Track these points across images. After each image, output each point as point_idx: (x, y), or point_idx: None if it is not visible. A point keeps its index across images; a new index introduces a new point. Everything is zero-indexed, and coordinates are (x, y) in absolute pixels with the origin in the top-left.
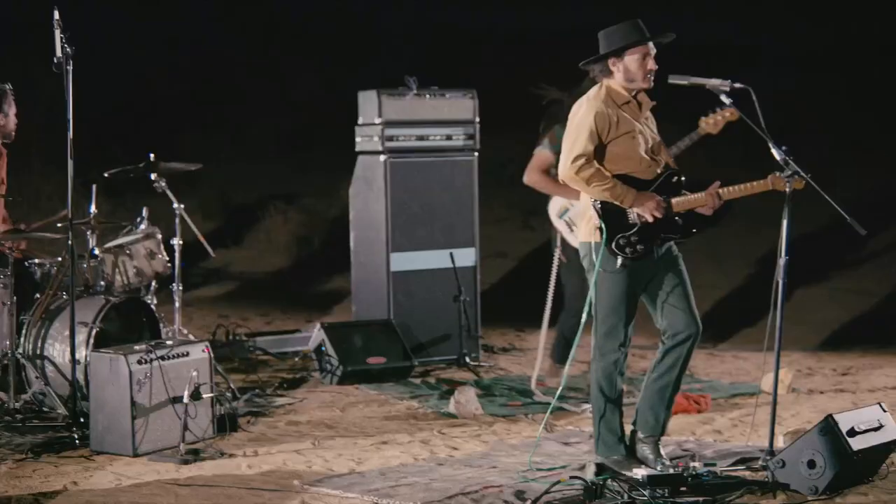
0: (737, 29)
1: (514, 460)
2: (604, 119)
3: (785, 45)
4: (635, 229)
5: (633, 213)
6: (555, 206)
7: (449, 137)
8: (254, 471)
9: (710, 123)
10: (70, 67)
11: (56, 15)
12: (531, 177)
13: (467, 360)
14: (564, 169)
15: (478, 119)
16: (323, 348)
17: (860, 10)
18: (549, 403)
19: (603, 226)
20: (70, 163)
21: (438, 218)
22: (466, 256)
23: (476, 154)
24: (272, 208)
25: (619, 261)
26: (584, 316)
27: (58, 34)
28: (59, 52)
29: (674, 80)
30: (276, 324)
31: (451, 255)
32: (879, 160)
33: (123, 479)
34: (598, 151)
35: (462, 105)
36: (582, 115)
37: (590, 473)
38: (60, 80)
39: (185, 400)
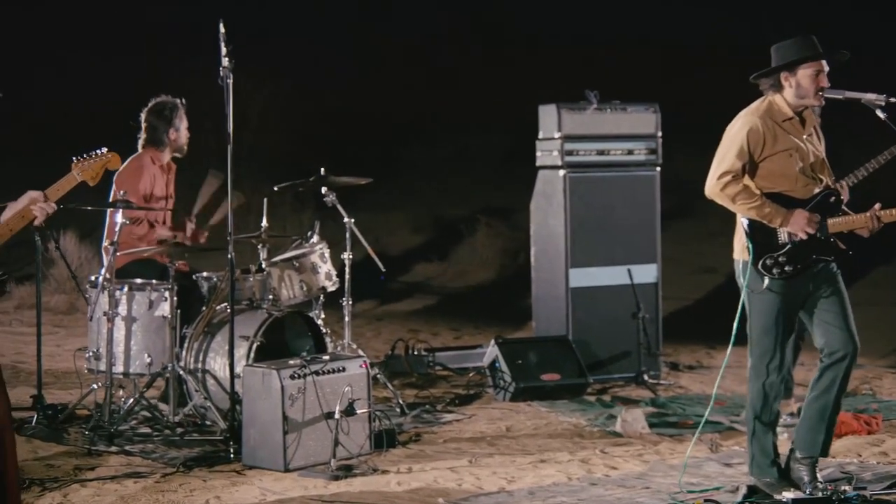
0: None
1: (669, 481)
2: (757, 136)
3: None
4: (785, 249)
5: (784, 233)
6: None
7: (630, 152)
8: (402, 488)
9: None
10: (230, 81)
11: (221, 28)
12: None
13: (645, 377)
14: (710, 184)
15: (660, 133)
16: (497, 364)
17: None
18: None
19: (750, 245)
20: (229, 176)
21: (618, 234)
22: (647, 273)
23: (658, 169)
24: (482, 223)
25: (766, 282)
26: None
27: (222, 47)
28: (223, 65)
29: (829, 94)
30: (465, 339)
31: (628, 271)
32: None
33: (269, 494)
34: (752, 167)
35: (644, 119)
36: (735, 131)
37: (740, 495)
38: (272, 94)
39: (337, 415)
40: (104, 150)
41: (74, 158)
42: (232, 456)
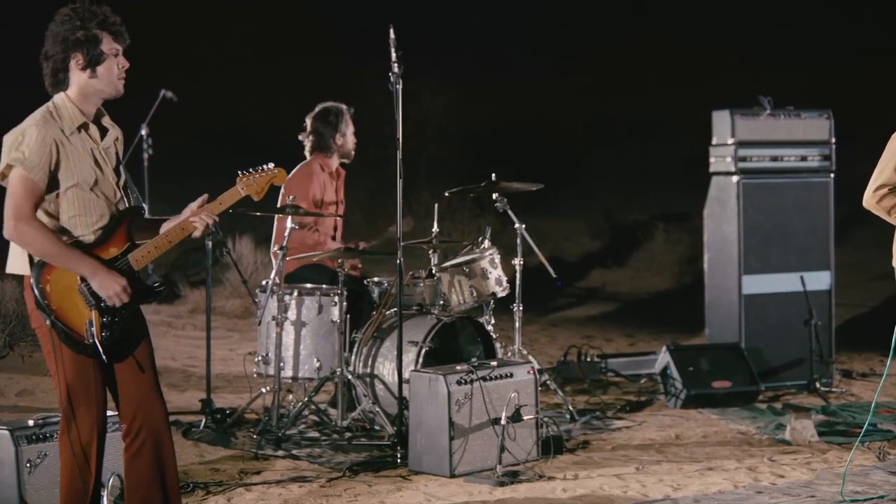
0: None
1: (835, 489)
2: None
3: None
4: None
5: None
6: None
7: (803, 158)
8: (567, 494)
9: None
10: (399, 87)
11: (391, 34)
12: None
13: (817, 385)
14: (867, 197)
15: (834, 139)
16: (668, 371)
17: None
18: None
19: None
20: (399, 182)
21: (792, 240)
22: (821, 280)
23: (832, 175)
24: (660, 228)
25: None
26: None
27: (392, 53)
28: (393, 71)
29: None
30: (640, 345)
31: (801, 278)
32: None
33: (433, 499)
34: None
35: (817, 125)
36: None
37: None
38: (453, 100)
39: (503, 421)
40: (270, 165)
41: (240, 172)
42: (399, 461)
